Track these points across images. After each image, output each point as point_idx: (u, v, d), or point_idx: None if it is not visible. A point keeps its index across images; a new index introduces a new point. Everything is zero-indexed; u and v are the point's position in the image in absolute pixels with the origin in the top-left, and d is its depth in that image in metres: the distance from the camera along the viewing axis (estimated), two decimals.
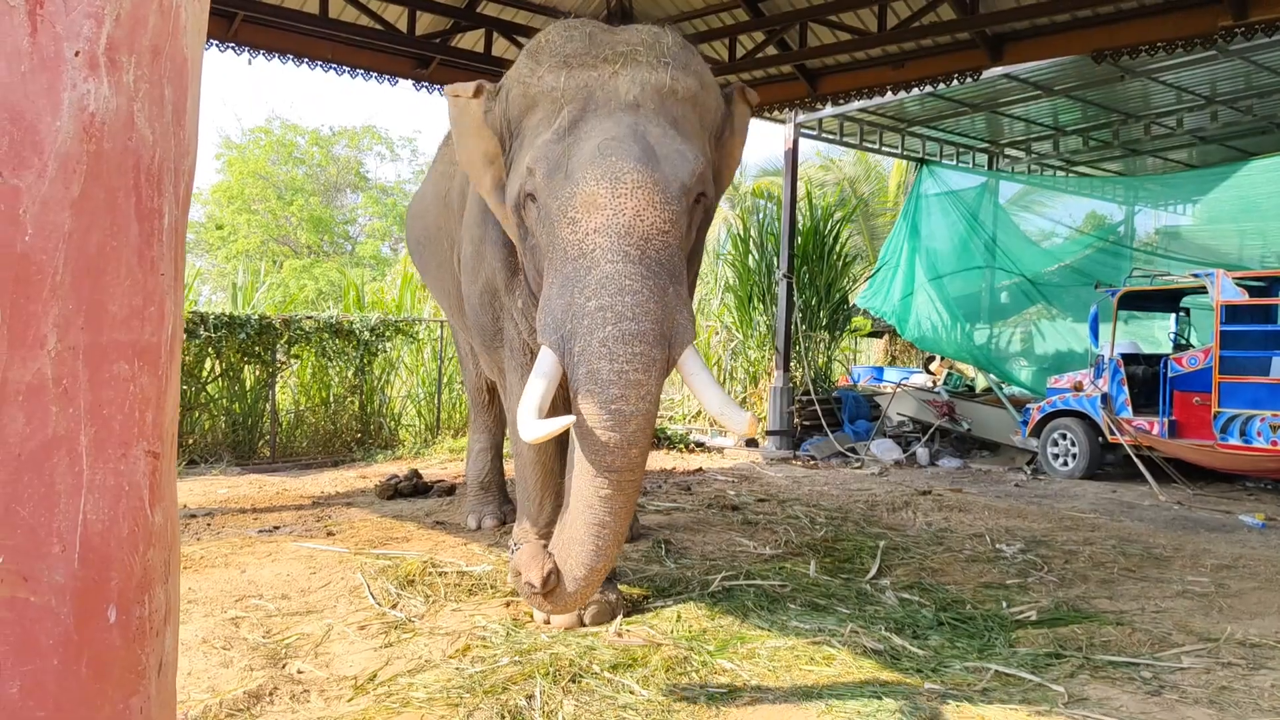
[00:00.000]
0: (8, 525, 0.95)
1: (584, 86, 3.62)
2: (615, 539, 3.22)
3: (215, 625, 4.03)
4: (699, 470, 9.25)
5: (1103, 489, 8.71)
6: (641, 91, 3.59)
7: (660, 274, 3.23)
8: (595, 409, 3.09)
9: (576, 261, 3.28)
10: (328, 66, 9.08)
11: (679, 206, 3.36)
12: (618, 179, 3.27)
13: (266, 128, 27.21)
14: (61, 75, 0.98)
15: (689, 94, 3.70)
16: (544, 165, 3.49)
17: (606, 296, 3.15)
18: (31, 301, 0.96)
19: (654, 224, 3.26)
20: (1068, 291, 12.27)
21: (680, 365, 3.27)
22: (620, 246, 3.21)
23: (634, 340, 3.10)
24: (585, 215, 3.29)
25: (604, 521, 3.16)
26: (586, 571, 3.18)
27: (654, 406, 3.17)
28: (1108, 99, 11.91)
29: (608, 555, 3.21)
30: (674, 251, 3.33)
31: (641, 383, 3.10)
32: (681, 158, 3.45)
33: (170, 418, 1.15)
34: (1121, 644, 4.07)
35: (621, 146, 3.37)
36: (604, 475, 3.12)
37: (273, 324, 9.50)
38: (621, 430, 3.08)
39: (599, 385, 3.08)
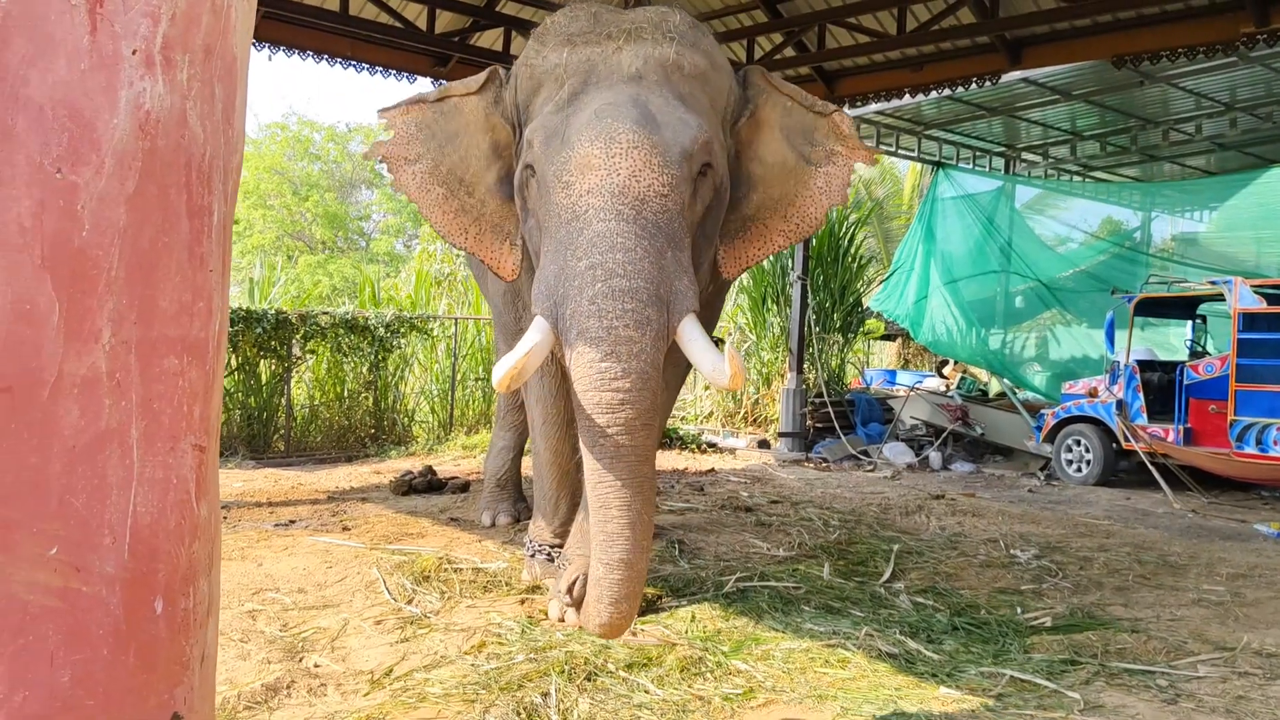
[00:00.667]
0: (61, 517, 0.96)
1: (586, 61, 3.56)
2: (626, 521, 2.88)
3: (233, 618, 4.06)
4: (711, 471, 9.25)
5: (1117, 496, 8.68)
6: (644, 65, 3.51)
7: (657, 236, 3.11)
8: (586, 369, 2.93)
9: (570, 224, 3.18)
10: (347, 63, 9.12)
11: (679, 171, 3.25)
12: (612, 139, 3.19)
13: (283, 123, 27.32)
14: (119, 73, 0.99)
15: (696, 71, 3.61)
16: (541, 134, 3.42)
17: (597, 254, 3.03)
18: (87, 296, 0.97)
19: (651, 185, 3.15)
20: (1083, 297, 12.22)
21: (679, 333, 3.10)
22: (613, 206, 3.10)
23: (624, 296, 2.96)
24: (579, 177, 3.19)
25: (607, 501, 2.91)
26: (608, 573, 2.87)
27: (650, 369, 2.96)
28: (1126, 104, 11.86)
29: (627, 541, 2.87)
30: (673, 216, 3.21)
31: (634, 339, 2.93)
32: (684, 124, 3.35)
33: (215, 412, 1.17)
34: (1137, 652, 4.06)
35: (618, 110, 3.28)
36: (600, 443, 2.91)
37: (289, 319, 9.54)
38: (614, 389, 2.89)
39: (589, 344, 2.93)
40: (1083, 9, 7.71)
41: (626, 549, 2.88)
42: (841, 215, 13.54)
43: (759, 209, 3.96)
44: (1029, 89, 11.14)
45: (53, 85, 0.95)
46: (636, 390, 2.92)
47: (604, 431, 2.89)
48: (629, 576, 2.88)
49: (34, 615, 0.95)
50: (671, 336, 3.11)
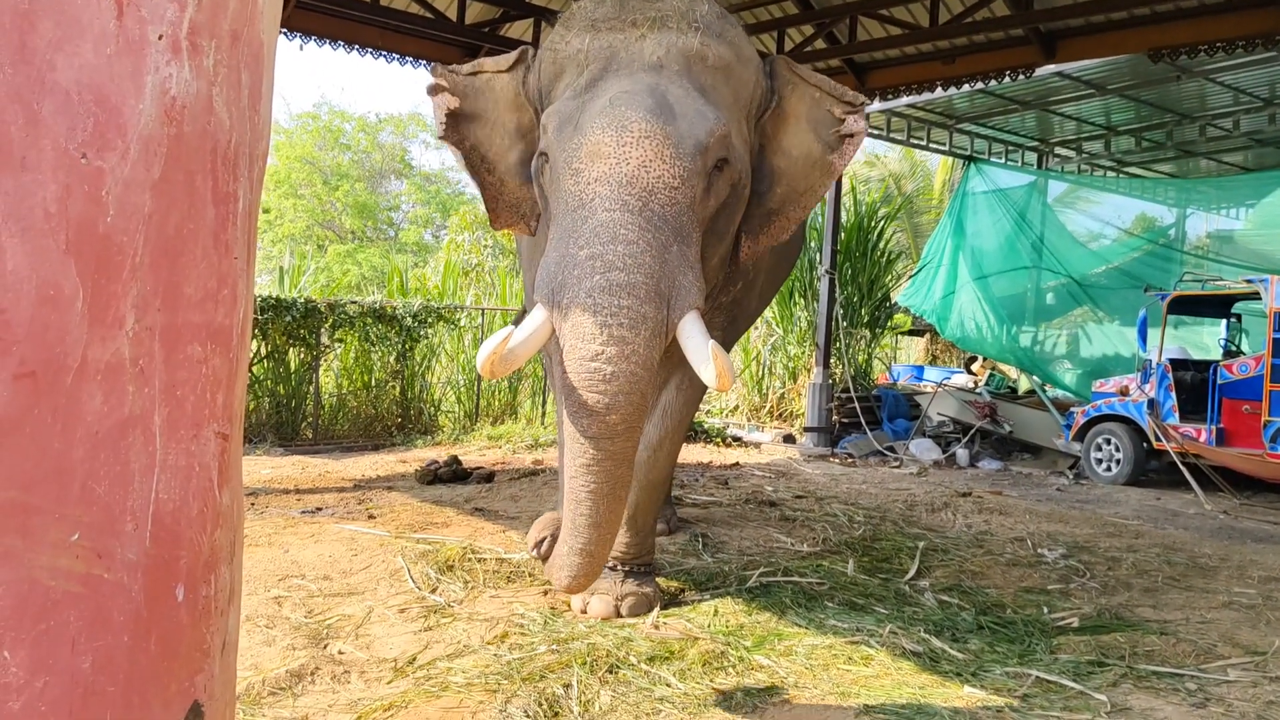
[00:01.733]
0: (85, 502, 0.96)
1: (608, 47, 3.51)
2: (593, 521, 2.99)
3: (259, 604, 4.09)
4: (736, 465, 9.23)
5: (1146, 496, 8.58)
6: (666, 54, 3.45)
7: (662, 229, 3.05)
8: (576, 365, 2.89)
9: (575, 212, 3.12)
10: (377, 53, 9.15)
11: (692, 165, 3.18)
12: (624, 128, 3.13)
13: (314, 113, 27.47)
14: (145, 59, 0.99)
15: (720, 63, 3.53)
16: (556, 119, 3.37)
17: (598, 245, 2.98)
18: (112, 282, 0.97)
19: (660, 177, 3.10)
20: (1115, 294, 12.08)
21: (679, 330, 3.05)
22: (619, 196, 3.05)
23: (621, 292, 2.90)
24: (589, 164, 3.14)
25: (580, 498, 2.97)
26: (569, 555, 3.08)
27: (641, 369, 2.92)
28: (1162, 99, 11.69)
29: (586, 537, 3.02)
30: (682, 210, 3.15)
31: (626, 340, 2.88)
32: (700, 116, 3.27)
33: (239, 400, 1.17)
34: (1166, 654, 4.01)
35: (633, 99, 3.22)
36: (581, 442, 2.90)
37: (318, 307, 9.60)
38: (600, 391, 2.85)
39: (581, 339, 2.89)
40: (1119, 1, 7.60)
41: (589, 541, 3.05)
42: (871, 209, 13.45)
43: (783, 202, 3.86)
44: (1063, 83, 11.00)
45: (79, 70, 0.95)
46: (624, 394, 2.88)
47: (586, 431, 2.88)
48: (587, 563, 3.10)
49: (56, 601, 0.95)
50: (671, 333, 3.06)
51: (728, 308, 4.36)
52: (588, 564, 3.11)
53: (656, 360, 3.03)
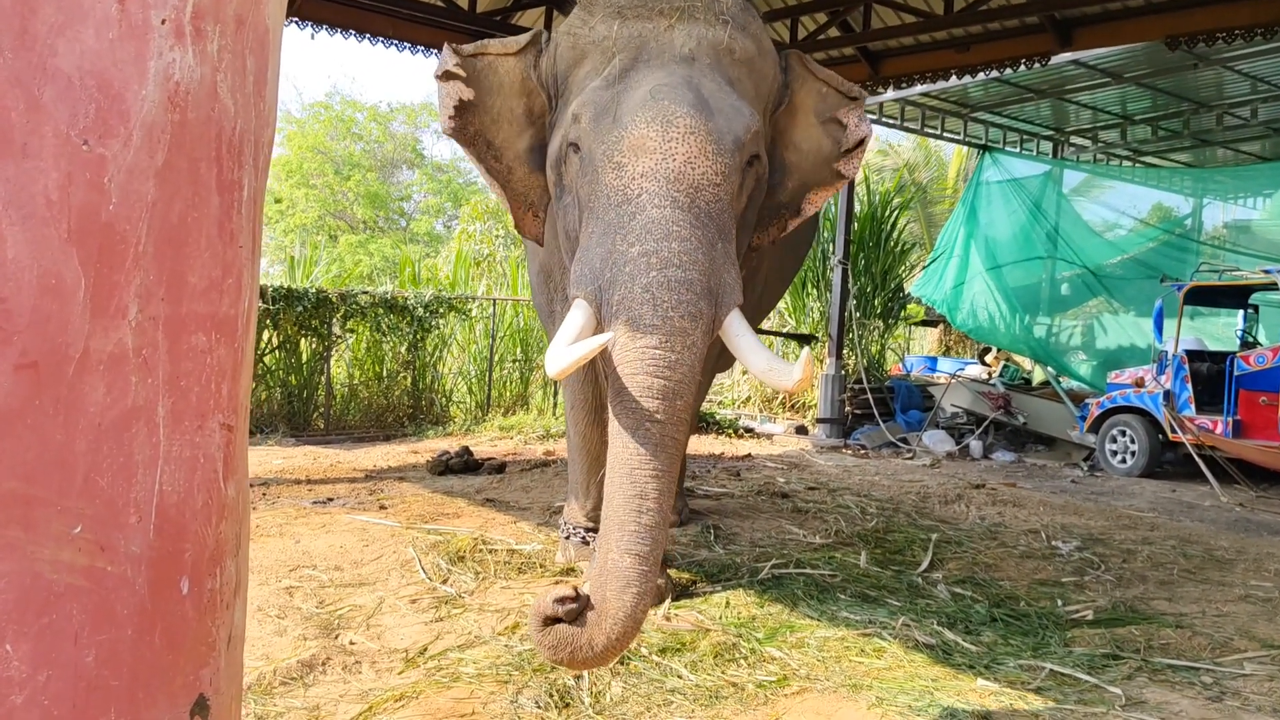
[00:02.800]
0: (87, 495, 0.95)
1: (637, 36, 3.46)
2: (660, 518, 2.72)
3: (270, 594, 4.09)
4: (748, 456, 9.21)
5: (1162, 488, 8.53)
6: (697, 46, 3.42)
7: (709, 226, 3.03)
8: (637, 355, 2.82)
9: (620, 207, 3.07)
10: (389, 42, 9.12)
11: (732, 160, 3.17)
12: (669, 123, 3.09)
13: (326, 103, 27.51)
14: (149, 43, 0.97)
15: (746, 56, 3.52)
16: (590, 110, 3.31)
17: (652, 242, 2.93)
18: (115, 271, 0.96)
19: (705, 173, 3.07)
20: (1131, 284, 12.00)
21: (725, 327, 3.02)
22: (669, 192, 3.01)
23: (680, 287, 2.86)
24: (633, 159, 3.09)
25: (645, 491, 2.71)
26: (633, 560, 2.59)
27: (698, 361, 2.90)
28: (1179, 87, 11.57)
29: (654, 536, 2.67)
30: (724, 206, 3.13)
31: (688, 331, 2.85)
32: (737, 112, 3.26)
33: (244, 391, 1.15)
34: (1181, 648, 3.98)
35: (675, 93, 3.18)
36: (644, 430, 2.77)
37: (329, 298, 9.62)
38: (666, 377, 2.79)
39: (641, 331, 2.83)
40: None
41: (656, 543, 2.69)
42: (884, 199, 13.38)
43: (793, 196, 3.86)
44: (1079, 71, 10.90)
45: (81, 55, 0.93)
46: (687, 381, 2.84)
47: (651, 417, 2.78)
48: (654, 572, 2.66)
49: (59, 594, 0.94)
50: (717, 330, 3.02)
51: None
52: (651, 575, 2.64)
53: (704, 356, 3.01)
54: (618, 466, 2.79)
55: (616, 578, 2.59)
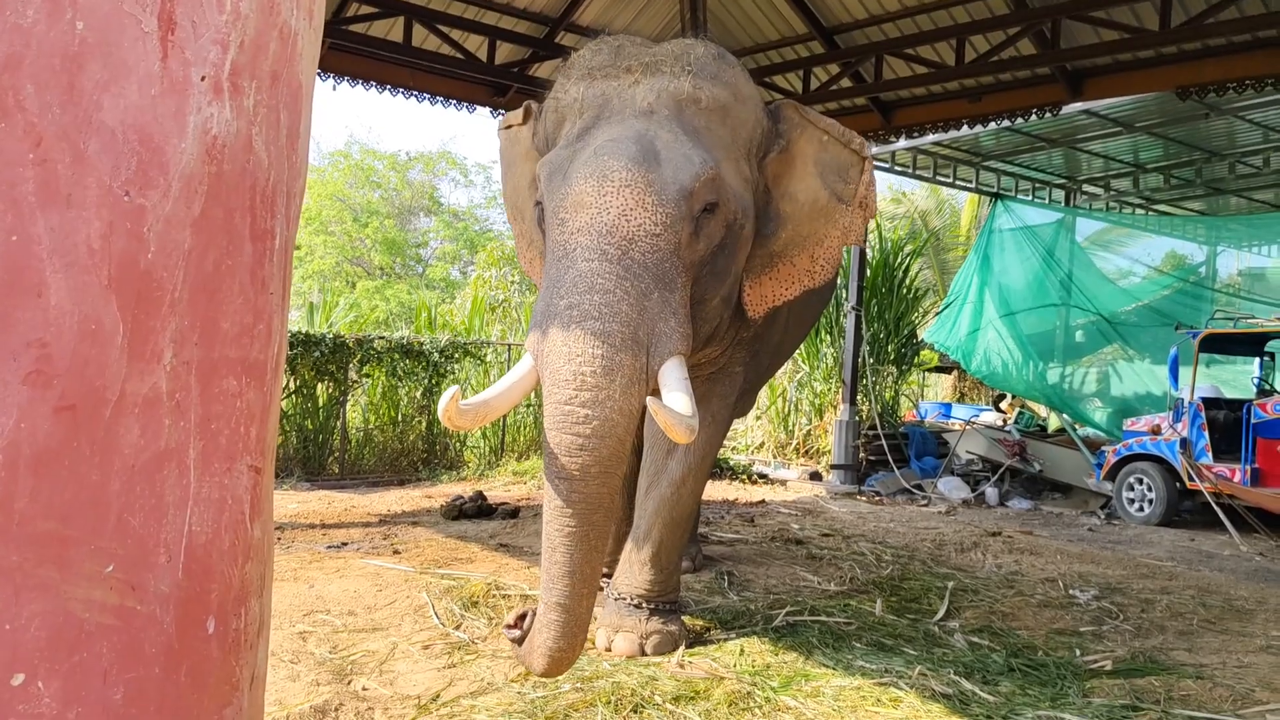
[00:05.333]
0: (119, 535, 0.97)
1: (601, 95, 3.56)
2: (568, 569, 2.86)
3: (284, 639, 4.09)
4: (761, 502, 9.17)
5: (1180, 537, 8.44)
6: (657, 99, 3.48)
7: (642, 276, 3.07)
8: (552, 409, 2.92)
9: (560, 262, 3.16)
10: (408, 93, 9.29)
11: (675, 210, 3.19)
12: (605, 177, 3.16)
13: (345, 151, 27.86)
14: (188, 99, 1.01)
15: (715, 104, 3.55)
16: (547, 169, 3.41)
17: (576, 294, 3.00)
18: (151, 317, 0.99)
19: (642, 225, 3.11)
20: (1146, 332, 11.98)
21: (660, 376, 3.04)
22: (599, 245, 3.08)
23: (595, 340, 2.92)
24: (573, 215, 3.18)
25: (555, 544, 2.89)
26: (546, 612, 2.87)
27: (617, 415, 2.91)
28: (1191, 136, 11.64)
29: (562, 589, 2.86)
30: (664, 256, 3.16)
31: (600, 386, 2.89)
32: (686, 161, 3.29)
33: (272, 434, 1.18)
34: (1201, 699, 3.93)
35: (617, 146, 3.25)
36: (556, 484, 2.89)
37: (346, 343, 9.69)
38: (574, 433, 2.86)
39: (557, 386, 2.91)
40: (1146, 40, 7.59)
41: (564, 594, 2.87)
42: (896, 245, 13.44)
43: (786, 246, 3.91)
44: (1090, 120, 10.98)
45: (125, 110, 0.97)
46: (598, 437, 2.88)
47: (561, 473, 2.88)
48: (567, 620, 2.87)
49: (89, 632, 0.96)
50: (653, 380, 3.04)
51: (749, 342, 4.36)
52: (566, 622, 2.86)
53: (636, 408, 3.01)
54: (543, 516, 3.00)
55: (538, 620, 2.92)
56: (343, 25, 8.37)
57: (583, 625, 2.94)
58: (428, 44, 8.90)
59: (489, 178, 30.12)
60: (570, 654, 2.91)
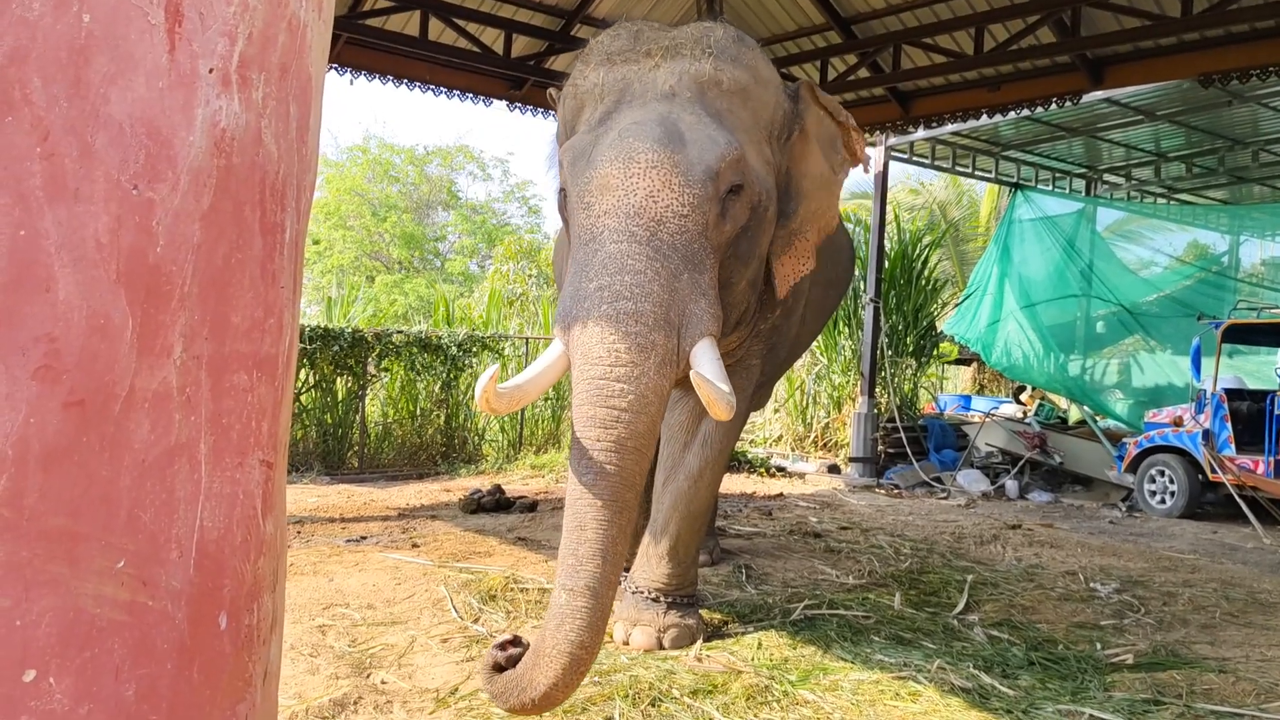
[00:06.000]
0: (130, 530, 0.97)
1: (622, 79, 3.55)
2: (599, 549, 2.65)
3: (303, 632, 4.11)
4: (779, 495, 9.15)
5: (1202, 529, 8.36)
6: (679, 81, 3.47)
7: (671, 257, 3.05)
8: (585, 385, 2.86)
9: (587, 245, 3.14)
10: (425, 87, 9.30)
11: (701, 191, 3.19)
12: (631, 159, 3.15)
13: (364, 146, 27.96)
14: (196, 92, 1.01)
15: (736, 87, 3.55)
16: (570, 155, 3.40)
17: (606, 276, 2.98)
18: (160, 311, 0.98)
19: (669, 206, 3.10)
20: (1167, 322, 11.87)
21: (691, 357, 3.01)
22: (627, 227, 3.06)
23: (629, 320, 2.89)
24: (598, 198, 3.17)
25: (584, 522, 2.69)
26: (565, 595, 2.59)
27: (650, 393, 2.87)
28: (1213, 124, 11.52)
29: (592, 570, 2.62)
30: (692, 238, 3.14)
31: (635, 363, 2.85)
32: (711, 142, 3.28)
33: (284, 429, 1.17)
34: (1225, 693, 3.88)
35: (642, 129, 3.24)
36: (587, 459, 2.75)
37: (365, 337, 9.72)
38: (609, 406, 2.80)
39: (589, 363, 2.87)
40: (1167, 27, 7.51)
41: (594, 577, 2.63)
42: (915, 236, 13.38)
43: (803, 222, 3.96)
44: (1111, 109, 10.88)
45: (132, 103, 0.97)
46: (632, 412, 2.82)
47: (593, 447, 2.77)
48: (595, 608, 2.60)
49: (100, 629, 0.95)
50: (683, 361, 3.02)
51: (766, 335, 4.34)
52: (594, 610, 2.59)
53: (667, 389, 2.98)
54: (568, 496, 2.82)
55: (553, 614, 2.61)
56: (359, 20, 8.39)
57: (606, 617, 2.68)
58: (444, 38, 8.90)
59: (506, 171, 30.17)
60: (590, 657, 2.60)
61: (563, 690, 2.55)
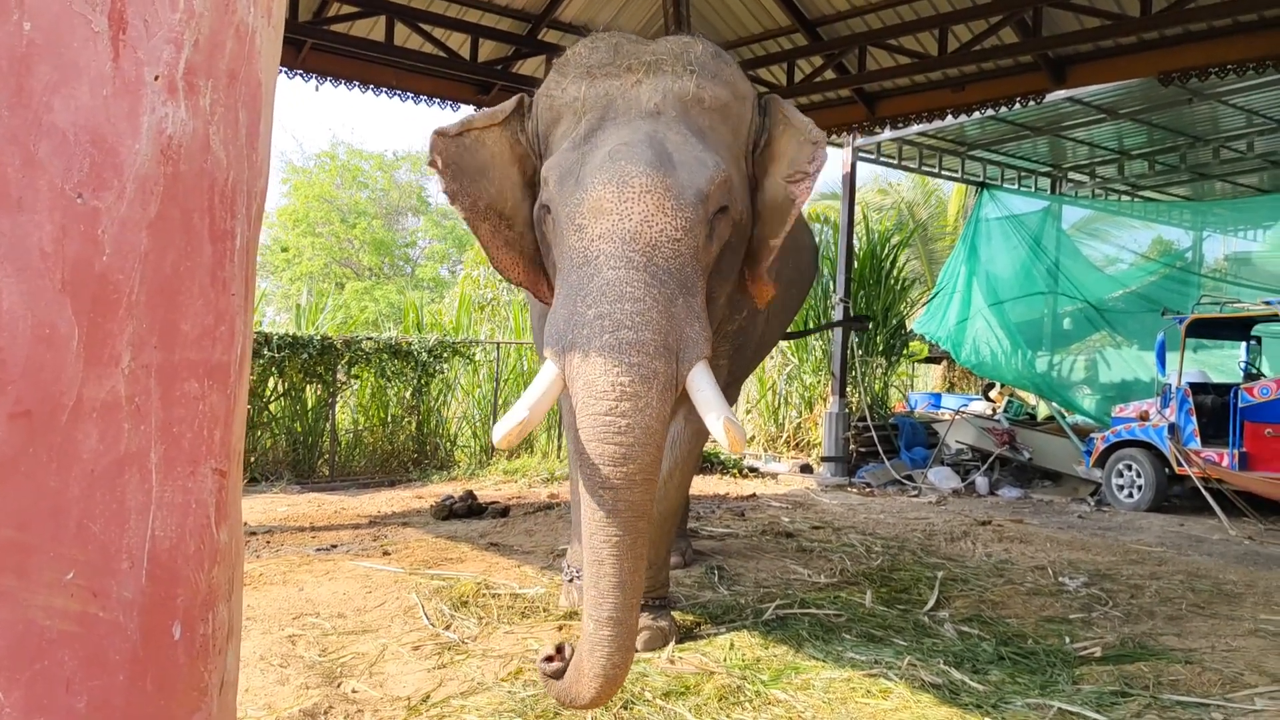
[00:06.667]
0: (80, 541, 0.96)
1: (604, 95, 3.51)
2: (618, 581, 2.80)
3: (273, 643, 4.08)
4: (752, 496, 9.18)
5: (1169, 522, 8.47)
6: (663, 99, 3.45)
7: (668, 283, 3.04)
8: (590, 420, 2.86)
9: (581, 269, 3.10)
10: (391, 92, 9.26)
11: (693, 214, 3.17)
12: (625, 183, 3.12)
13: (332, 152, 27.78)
14: (142, 99, 1.00)
15: (717, 104, 3.54)
16: (556, 172, 3.36)
17: (606, 304, 2.96)
18: (108, 320, 0.98)
19: (663, 230, 3.08)
20: (1133, 318, 12.01)
21: (688, 382, 3.02)
22: (624, 252, 3.04)
23: (631, 350, 2.88)
24: (592, 221, 3.13)
25: (602, 556, 2.80)
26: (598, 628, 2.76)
27: (654, 423, 2.89)
28: (1175, 122, 11.67)
29: (614, 601, 2.78)
30: (686, 261, 3.13)
31: (639, 394, 2.86)
32: (700, 164, 3.27)
33: (237, 437, 1.16)
34: (1191, 683, 3.94)
35: (633, 151, 3.21)
36: (599, 495, 2.83)
37: (334, 344, 9.65)
38: (616, 442, 2.82)
39: (594, 397, 2.86)
40: (1127, 27, 7.61)
41: (616, 607, 2.79)
42: (884, 236, 13.47)
43: (759, 241, 3.85)
44: (1074, 108, 11.01)
45: (76, 111, 0.96)
46: (640, 445, 2.85)
47: (605, 484, 2.82)
48: (621, 634, 2.78)
49: (51, 641, 0.94)
50: (681, 385, 3.02)
51: (733, 335, 4.35)
52: (620, 637, 2.78)
53: (668, 414, 3.00)
54: (583, 532, 2.91)
55: (585, 642, 2.80)
56: (323, 25, 8.34)
57: (634, 637, 2.89)
58: (410, 43, 8.87)
59: None
60: (624, 672, 2.82)
61: (606, 698, 2.85)
